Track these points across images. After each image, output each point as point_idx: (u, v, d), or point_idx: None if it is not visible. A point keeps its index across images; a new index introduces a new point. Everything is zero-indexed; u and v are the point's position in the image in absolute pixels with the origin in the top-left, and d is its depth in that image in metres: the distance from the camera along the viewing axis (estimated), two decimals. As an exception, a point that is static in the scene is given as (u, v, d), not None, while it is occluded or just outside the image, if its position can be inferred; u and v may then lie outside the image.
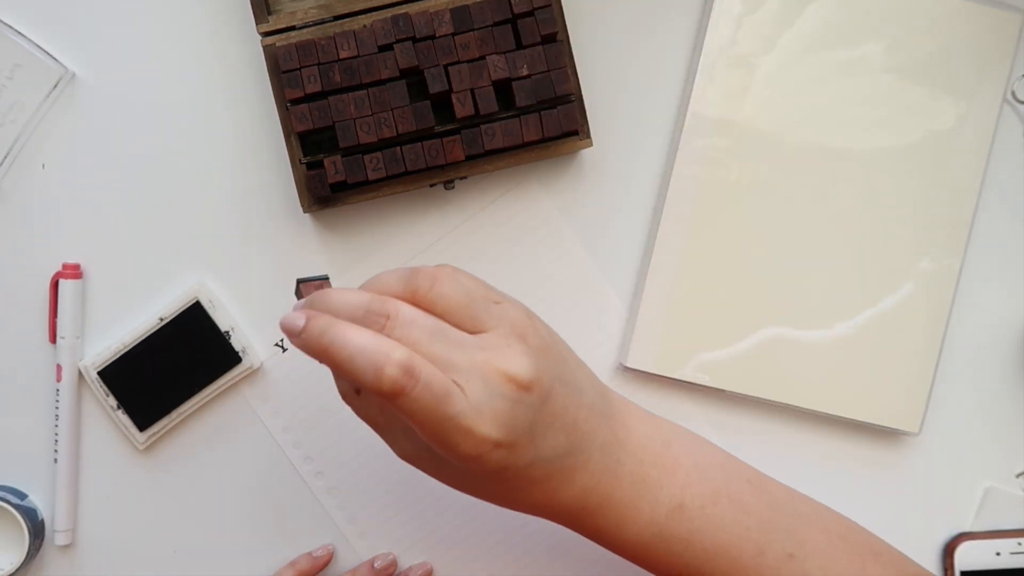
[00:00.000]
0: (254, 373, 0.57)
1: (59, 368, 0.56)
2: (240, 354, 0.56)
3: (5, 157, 0.56)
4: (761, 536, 0.45)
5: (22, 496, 0.56)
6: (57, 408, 0.56)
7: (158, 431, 0.56)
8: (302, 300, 0.42)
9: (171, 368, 0.56)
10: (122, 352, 0.55)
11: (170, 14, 0.56)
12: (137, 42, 0.56)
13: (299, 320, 0.38)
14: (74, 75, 0.56)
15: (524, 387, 0.39)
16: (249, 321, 0.57)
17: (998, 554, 0.56)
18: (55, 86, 0.55)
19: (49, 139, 0.56)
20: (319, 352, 0.38)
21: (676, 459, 0.46)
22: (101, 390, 0.56)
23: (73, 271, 0.56)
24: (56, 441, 0.56)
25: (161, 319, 0.56)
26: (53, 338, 0.56)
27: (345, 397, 0.44)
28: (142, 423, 0.56)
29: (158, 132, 0.56)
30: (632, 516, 0.44)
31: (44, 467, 0.57)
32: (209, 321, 0.56)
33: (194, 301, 0.56)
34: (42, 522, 0.57)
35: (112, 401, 0.56)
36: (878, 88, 0.55)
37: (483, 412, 0.38)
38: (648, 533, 0.44)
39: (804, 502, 0.48)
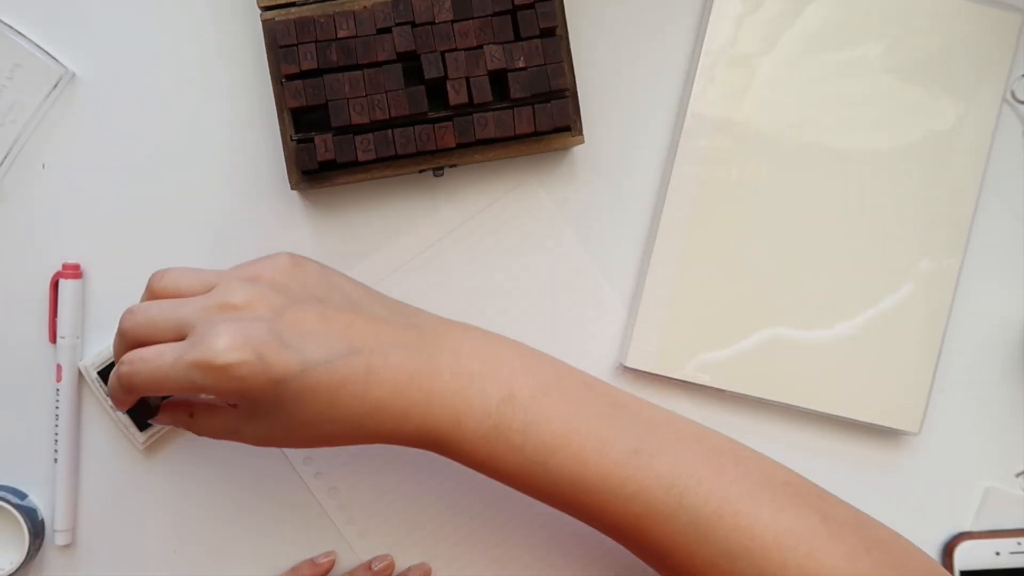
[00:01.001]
0: (254, 373, 0.57)
1: (59, 368, 0.56)
2: (240, 354, 0.56)
3: (5, 157, 0.55)
4: (603, 429, 0.44)
5: (22, 496, 0.56)
6: (57, 408, 0.56)
7: (158, 431, 0.56)
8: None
9: (171, 368, 0.56)
10: (122, 352, 0.55)
11: (170, 16, 0.56)
12: (137, 43, 0.56)
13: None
14: (74, 75, 0.56)
15: (238, 307, 0.42)
16: (249, 321, 0.57)
17: (998, 554, 0.56)
18: (55, 86, 0.55)
19: (49, 139, 0.56)
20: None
21: (498, 355, 0.45)
22: (101, 390, 0.56)
23: (73, 271, 0.56)
24: (56, 441, 0.56)
25: (161, 319, 0.55)
26: (53, 338, 0.56)
27: (190, 427, 0.48)
28: (142, 423, 0.56)
29: (158, 132, 0.56)
30: (464, 409, 0.44)
31: (44, 467, 0.57)
32: (209, 321, 0.56)
33: (194, 301, 0.56)
34: (42, 522, 0.57)
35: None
36: (878, 88, 0.55)
37: (207, 340, 0.41)
38: (485, 426, 0.44)
39: (651, 408, 0.47)
